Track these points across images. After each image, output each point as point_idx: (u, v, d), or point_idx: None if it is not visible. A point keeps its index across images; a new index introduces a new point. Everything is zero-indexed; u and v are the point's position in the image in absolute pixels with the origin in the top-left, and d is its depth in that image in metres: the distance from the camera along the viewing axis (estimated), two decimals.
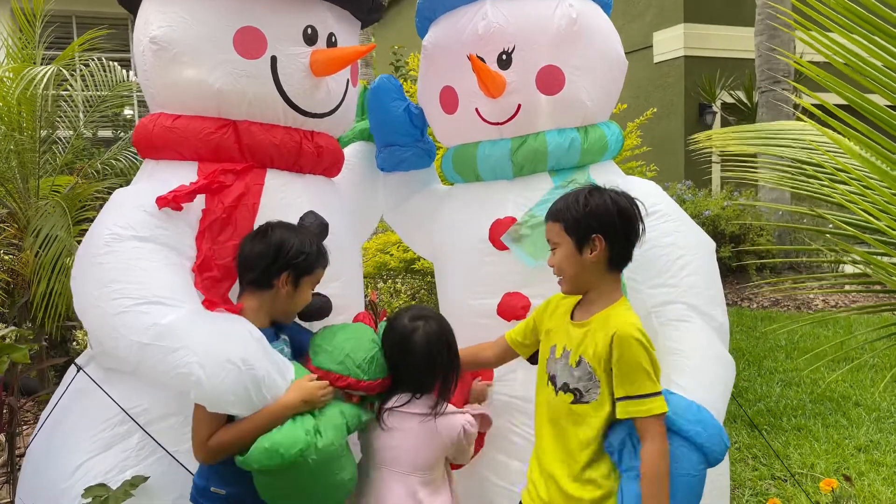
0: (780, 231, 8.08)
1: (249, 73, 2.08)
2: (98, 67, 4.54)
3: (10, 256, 4.03)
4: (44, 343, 3.78)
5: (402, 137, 2.53)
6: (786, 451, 3.59)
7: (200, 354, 1.68)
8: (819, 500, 2.96)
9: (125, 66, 4.73)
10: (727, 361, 2.04)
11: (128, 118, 9.36)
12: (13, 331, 2.80)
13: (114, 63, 4.65)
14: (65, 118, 4.64)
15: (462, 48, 2.23)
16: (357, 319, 2.07)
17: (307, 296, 1.94)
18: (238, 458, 1.67)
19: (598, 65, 2.28)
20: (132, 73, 4.03)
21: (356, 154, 2.68)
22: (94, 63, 4.53)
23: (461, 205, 2.44)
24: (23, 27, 4.26)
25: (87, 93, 4.62)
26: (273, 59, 2.10)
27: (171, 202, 1.94)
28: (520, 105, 2.22)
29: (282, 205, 2.10)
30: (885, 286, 1.96)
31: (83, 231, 2.41)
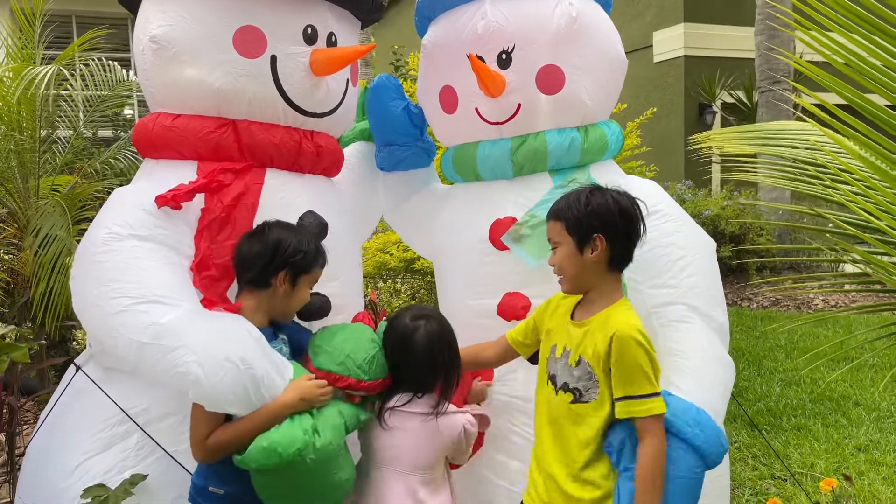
0: (780, 231, 8.07)
1: (249, 73, 2.08)
2: (98, 67, 4.54)
3: (10, 256, 4.03)
4: (43, 343, 3.77)
5: (402, 137, 2.52)
6: (786, 451, 3.59)
7: (199, 353, 1.68)
8: (819, 500, 2.96)
9: (125, 66, 4.73)
10: (727, 362, 2.04)
11: (128, 118, 9.36)
12: (13, 330, 2.79)
13: (114, 63, 4.66)
14: (65, 118, 4.64)
15: (461, 47, 2.23)
16: (356, 319, 2.07)
17: (305, 295, 1.94)
18: (236, 458, 1.67)
19: (599, 64, 2.27)
20: (132, 73, 4.03)
21: (356, 154, 2.68)
22: (94, 63, 4.53)
23: (461, 204, 2.43)
24: (22, 27, 4.26)
25: (87, 92, 4.62)
26: (273, 59, 2.10)
27: (170, 201, 1.94)
28: (520, 104, 2.21)
29: (281, 204, 2.10)
30: (885, 286, 1.96)
31: (83, 230, 2.41)
